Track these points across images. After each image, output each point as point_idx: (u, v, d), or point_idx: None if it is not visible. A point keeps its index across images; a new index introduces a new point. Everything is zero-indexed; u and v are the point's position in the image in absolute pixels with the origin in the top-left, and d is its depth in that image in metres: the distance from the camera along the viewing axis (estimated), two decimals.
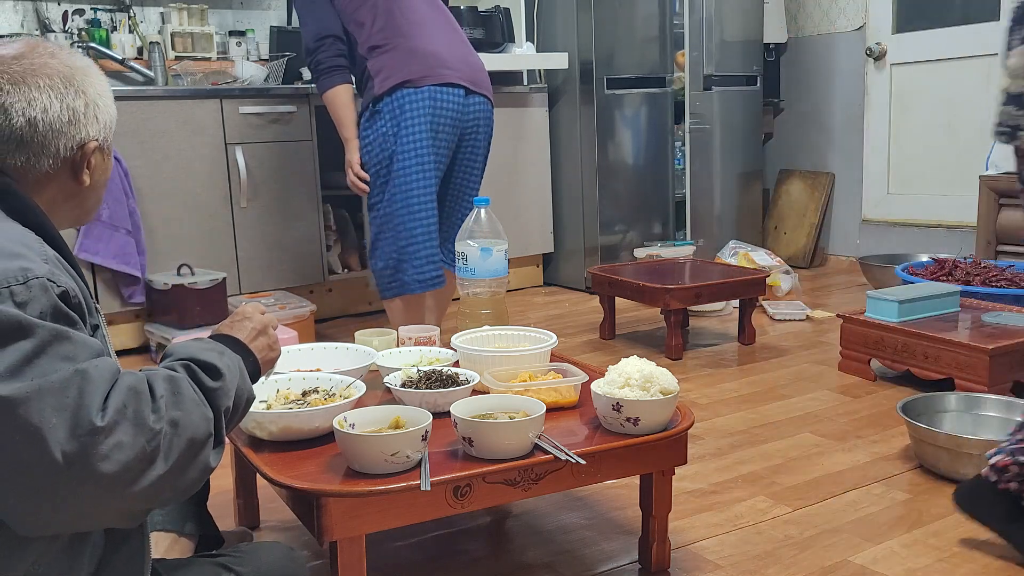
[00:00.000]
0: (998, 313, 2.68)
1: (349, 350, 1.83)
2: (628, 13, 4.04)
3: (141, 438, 0.91)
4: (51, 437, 0.86)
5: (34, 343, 0.89)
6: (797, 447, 2.25)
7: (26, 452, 0.86)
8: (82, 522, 0.93)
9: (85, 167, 1.11)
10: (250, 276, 3.52)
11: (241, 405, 1.10)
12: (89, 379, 0.90)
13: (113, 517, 0.94)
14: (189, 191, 3.36)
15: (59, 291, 0.95)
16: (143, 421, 0.92)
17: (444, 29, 2.76)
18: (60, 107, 1.07)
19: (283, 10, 4.16)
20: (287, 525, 1.89)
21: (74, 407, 0.88)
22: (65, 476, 0.87)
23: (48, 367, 0.89)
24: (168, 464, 0.94)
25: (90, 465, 0.88)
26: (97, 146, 1.11)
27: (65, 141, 1.08)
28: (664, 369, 1.55)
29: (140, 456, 0.91)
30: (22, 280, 0.92)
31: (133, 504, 0.93)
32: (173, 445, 0.95)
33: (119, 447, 0.89)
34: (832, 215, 4.78)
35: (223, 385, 1.05)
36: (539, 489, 1.42)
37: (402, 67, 2.63)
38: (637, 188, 4.21)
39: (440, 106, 2.66)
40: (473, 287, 2.13)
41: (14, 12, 3.61)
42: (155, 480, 0.93)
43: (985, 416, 2.18)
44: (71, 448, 0.87)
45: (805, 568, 1.66)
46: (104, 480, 0.89)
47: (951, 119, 4.22)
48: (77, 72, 1.10)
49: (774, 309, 3.61)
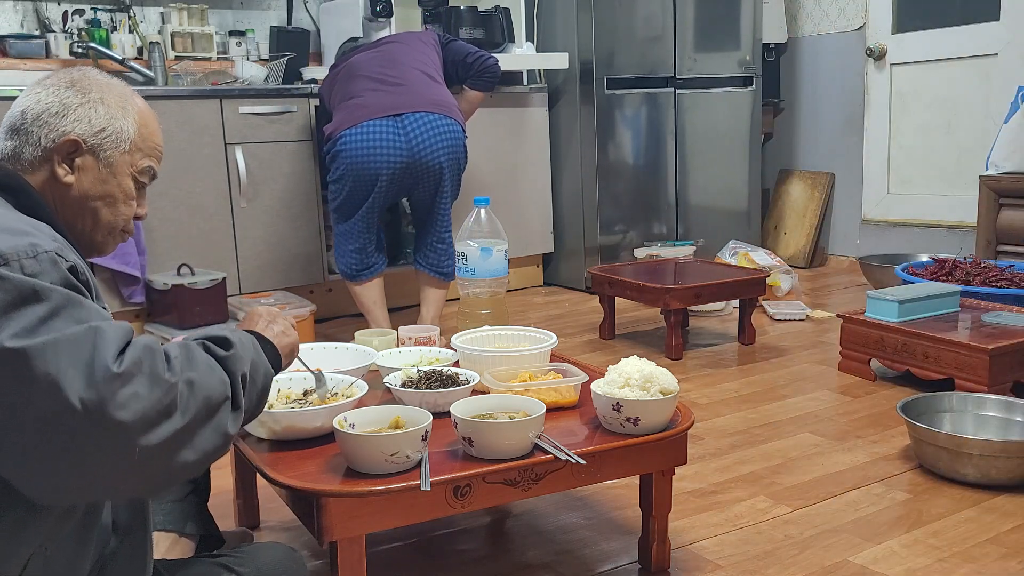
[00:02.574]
0: (998, 313, 2.68)
1: (349, 350, 1.83)
2: (628, 13, 4.04)
3: (157, 390, 0.92)
4: (68, 387, 0.87)
5: (48, 307, 0.90)
6: (797, 447, 2.25)
7: (44, 403, 0.87)
8: (99, 484, 0.92)
9: (62, 162, 1.11)
10: (250, 276, 3.52)
11: (259, 378, 1.10)
12: (103, 334, 0.91)
13: (131, 481, 0.93)
14: (189, 191, 3.36)
15: (68, 265, 0.96)
16: (158, 375, 0.93)
17: (381, 74, 3.11)
18: (52, 100, 1.11)
19: (283, 10, 4.16)
20: (287, 525, 1.89)
21: (89, 359, 0.89)
22: (83, 424, 0.87)
23: (62, 326, 0.90)
24: (185, 419, 0.94)
25: (108, 413, 0.88)
26: (78, 143, 1.11)
27: (47, 131, 1.10)
28: (664, 369, 1.55)
29: (157, 407, 0.91)
30: (32, 254, 0.93)
31: (151, 463, 0.92)
32: (189, 401, 0.95)
33: (136, 397, 0.90)
34: (832, 215, 4.78)
35: (235, 353, 1.05)
36: (539, 489, 1.42)
37: (338, 119, 3.07)
38: (637, 188, 4.21)
39: (368, 138, 3.01)
40: (473, 287, 2.14)
41: (14, 12, 3.61)
42: (172, 435, 0.92)
43: (985, 416, 2.18)
44: (89, 396, 0.87)
45: (805, 568, 1.66)
46: (122, 429, 0.89)
47: (951, 119, 4.22)
48: (95, 84, 1.14)
49: (774, 309, 3.61)
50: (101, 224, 1.15)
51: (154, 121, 1.20)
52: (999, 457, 1.92)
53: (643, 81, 4.13)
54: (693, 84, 4.25)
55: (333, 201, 3.13)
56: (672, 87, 4.20)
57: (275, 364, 1.18)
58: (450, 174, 3.08)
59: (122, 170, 1.15)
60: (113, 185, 1.15)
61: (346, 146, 3.00)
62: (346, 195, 3.06)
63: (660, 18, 4.11)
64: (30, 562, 0.96)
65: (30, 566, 0.96)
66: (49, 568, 0.98)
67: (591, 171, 4.11)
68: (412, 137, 2.99)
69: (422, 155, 3.00)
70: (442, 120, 3.04)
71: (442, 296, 3.22)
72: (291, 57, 3.91)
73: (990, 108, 4.03)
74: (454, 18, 3.91)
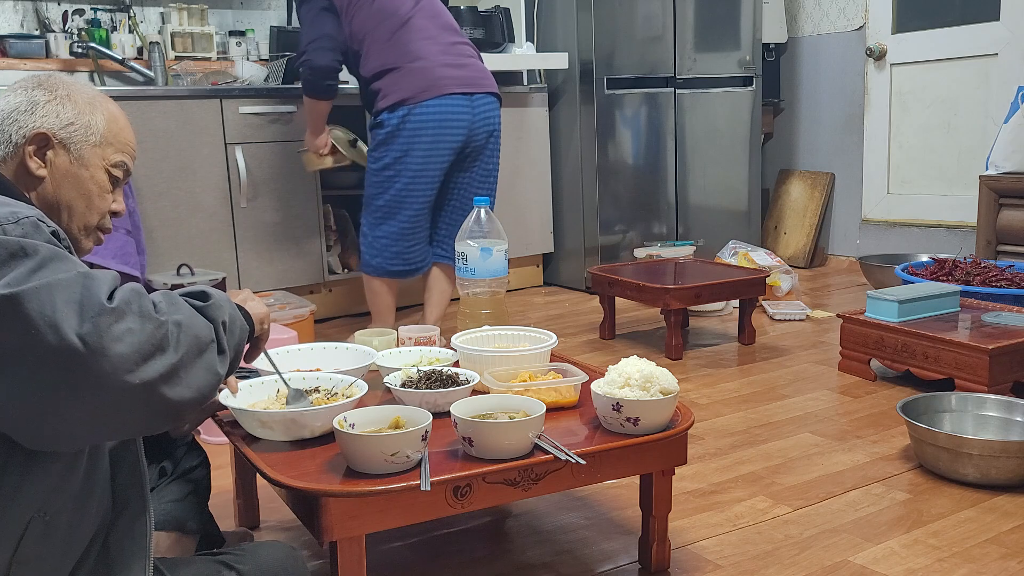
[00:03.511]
0: (998, 313, 2.68)
1: (349, 350, 1.83)
2: (628, 13, 4.04)
3: (149, 325, 0.95)
4: (64, 323, 0.89)
5: (36, 260, 0.92)
6: (797, 447, 2.25)
7: (41, 343, 0.88)
8: (98, 423, 0.94)
9: (33, 155, 1.14)
10: (250, 276, 3.52)
11: (236, 330, 1.13)
12: (93, 277, 0.94)
13: (130, 417, 0.95)
14: (189, 191, 3.36)
15: (51, 230, 0.99)
16: (149, 312, 0.96)
17: (439, 39, 2.94)
18: (21, 99, 1.16)
19: (283, 10, 4.16)
20: (287, 525, 1.89)
21: (81, 297, 0.91)
22: (82, 359, 0.89)
23: (51, 274, 0.92)
24: (178, 354, 0.97)
25: (104, 345, 0.90)
26: (48, 137, 1.15)
27: (17, 128, 1.14)
28: (664, 369, 1.55)
29: (151, 340, 0.94)
30: (13, 219, 0.96)
31: (148, 397, 0.94)
32: (180, 338, 0.98)
33: (130, 331, 0.93)
34: (832, 215, 4.78)
35: (214, 302, 1.09)
36: (539, 489, 1.42)
37: (400, 87, 2.87)
38: (637, 188, 4.21)
39: (443, 116, 2.87)
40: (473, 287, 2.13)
41: (14, 12, 3.61)
42: (167, 369, 0.95)
43: (985, 416, 2.18)
44: (85, 329, 0.90)
45: (805, 568, 1.66)
46: (120, 361, 0.91)
47: (951, 119, 4.22)
48: (63, 84, 1.18)
49: (774, 309, 3.61)
50: (76, 218, 1.19)
51: (124, 119, 1.25)
52: (999, 457, 1.92)
53: (643, 81, 4.13)
54: (693, 84, 4.25)
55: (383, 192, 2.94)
56: (672, 87, 4.20)
57: (249, 325, 1.22)
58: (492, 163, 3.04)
59: (94, 163, 1.19)
60: (86, 178, 1.19)
61: (422, 120, 2.83)
62: (408, 179, 2.90)
63: (660, 18, 4.11)
64: (29, 527, 0.97)
65: (29, 531, 0.97)
66: (48, 535, 0.99)
67: (591, 171, 4.11)
68: (475, 121, 2.90)
69: (476, 141, 2.94)
70: (497, 108, 2.98)
71: (450, 294, 3.19)
72: (291, 57, 3.91)
73: (990, 108, 4.03)
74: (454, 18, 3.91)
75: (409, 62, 2.89)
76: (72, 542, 1.03)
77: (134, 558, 1.10)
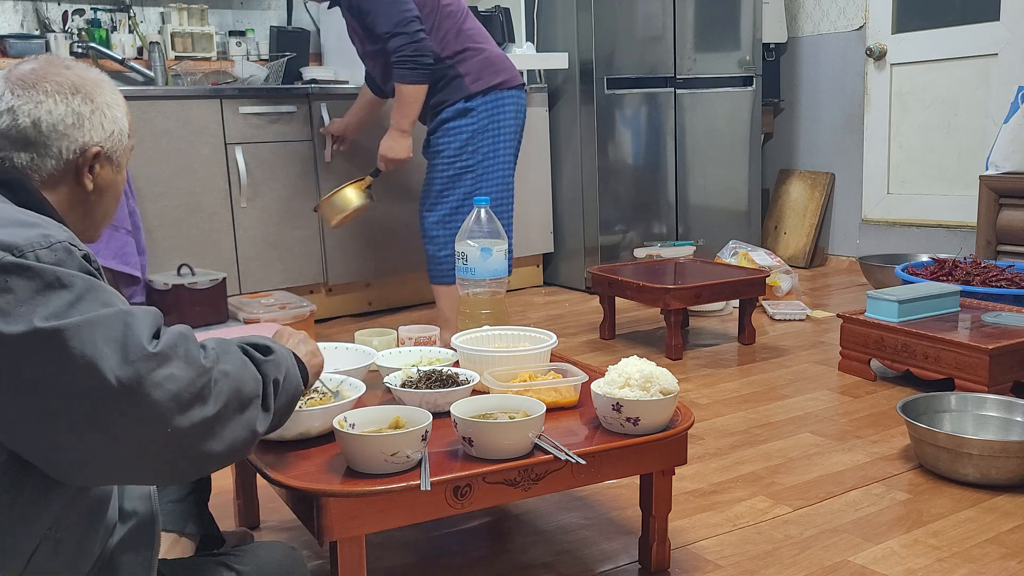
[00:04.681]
0: (998, 313, 2.68)
1: (349, 350, 1.83)
2: (628, 13, 4.04)
3: (191, 372, 0.93)
4: (104, 364, 0.88)
5: (73, 293, 0.91)
6: (797, 447, 2.25)
7: (79, 382, 0.87)
8: (126, 465, 0.92)
9: (87, 171, 1.12)
10: (250, 276, 3.52)
11: (291, 388, 1.12)
12: (135, 316, 0.93)
13: (158, 464, 0.94)
14: (189, 191, 3.36)
15: (82, 254, 0.97)
16: (195, 359, 0.94)
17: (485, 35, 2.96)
18: (65, 110, 1.09)
19: (283, 10, 4.16)
20: (287, 525, 1.89)
21: (124, 338, 0.90)
22: (118, 401, 0.88)
23: (91, 308, 0.91)
24: (216, 407, 0.95)
25: (143, 391, 0.89)
26: (100, 152, 1.12)
27: (68, 143, 1.10)
28: (664, 369, 1.55)
29: (191, 389, 0.92)
30: (46, 244, 0.93)
31: (179, 447, 0.93)
32: (222, 389, 0.96)
33: (171, 378, 0.91)
34: (832, 215, 4.78)
35: (274, 359, 1.08)
36: (539, 489, 1.42)
37: (491, 70, 2.82)
38: (637, 188, 4.21)
39: (521, 106, 2.92)
40: (473, 287, 2.13)
41: (14, 12, 3.61)
42: (203, 420, 0.93)
43: (985, 416, 2.18)
44: (125, 373, 0.88)
45: (805, 568, 1.66)
46: (155, 409, 0.89)
47: (951, 119, 4.22)
48: (88, 82, 1.13)
49: (774, 309, 3.61)
50: (108, 218, 1.19)
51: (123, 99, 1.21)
52: (999, 457, 1.92)
53: (643, 81, 4.13)
54: (693, 84, 4.25)
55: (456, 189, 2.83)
56: (672, 87, 4.20)
57: (304, 381, 1.21)
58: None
59: (124, 163, 1.18)
60: (120, 181, 1.18)
61: (505, 107, 2.81)
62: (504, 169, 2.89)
63: (660, 18, 4.11)
64: (40, 545, 0.96)
65: (40, 549, 0.96)
66: (59, 552, 0.99)
67: (591, 171, 4.11)
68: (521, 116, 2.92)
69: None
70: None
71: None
72: (291, 57, 3.91)
73: (990, 108, 4.03)
74: None
75: (491, 47, 2.83)
76: (81, 557, 1.03)
77: (140, 569, 1.10)
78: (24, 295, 0.88)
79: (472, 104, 2.82)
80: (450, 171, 2.90)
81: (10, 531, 0.93)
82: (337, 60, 4.07)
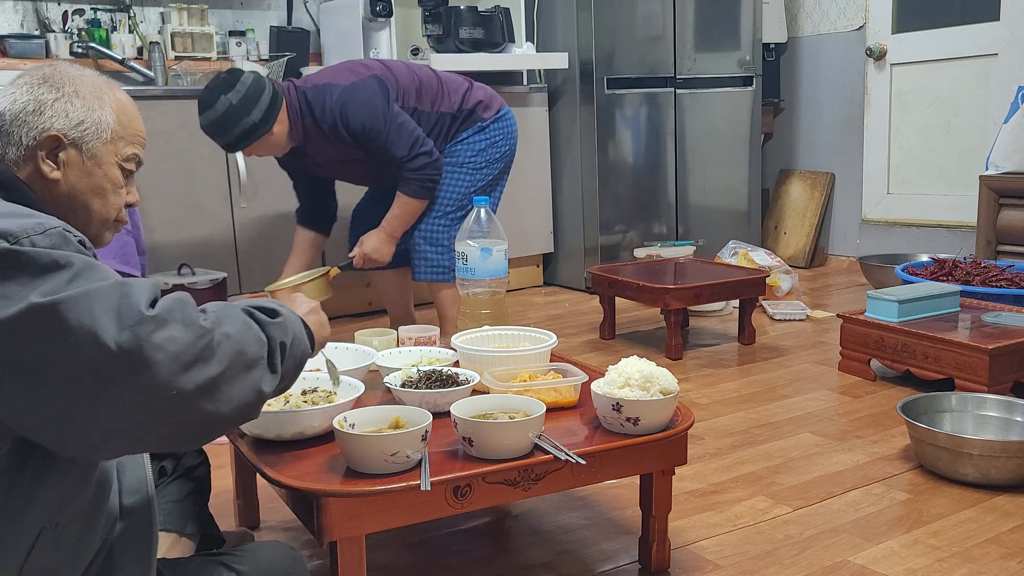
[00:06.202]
0: (998, 313, 2.68)
1: (349, 350, 1.83)
2: (628, 13, 4.04)
3: (191, 334, 0.93)
4: (103, 332, 0.88)
5: (70, 272, 0.91)
6: (797, 447, 2.25)
7: (79, 352, 0.87)
8: (133, 432, 0.92)
9: (46, 158, 1.11)
10: (250, 276, 3.52)
11: (298, 353, 1.10)
12: (131, 285, 0.93)
13: (165, 429, 0.93)
14: (189, 191, 3.36)
15: (78, 239, 0.97)
16: (193, 321, 0.94)
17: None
18: (28, 99, 1.11)
19: (283, 10, 4.16)
20: (287, 525, 1.89)
21: (120, 305, 0.90)
22: (119, 367, 0.88)
23: (87, 284, 0.91)
24: (220, 367, 0.94)
25: (144, 353, 0.88)
26: (58, 137, 1.11)
27: (27, 130, 1.10)
28: (664, 369, 1.55)
29: (192, 350, 0.92)
30: (40, 230, 0.93)
31: (186, 410, 0.92)
32: (225, 351, 0.96)
33: (172, 340, 0.91)
34: (832, 215, 4.78)
35: (281, 322, 1.06)
36: (539, 489, 1.42)
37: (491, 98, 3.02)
38: (637, 188, 4.21)
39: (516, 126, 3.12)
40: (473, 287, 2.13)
41: (14, 12, 3.61)
42: (207, 381, 0.93)
43: (985, 416, 2.18)
44: (124, 338, 0.88)
45: (805, 568, 1.66)
46: (158, 371, 0.89)
47: (951, 119, 4.22)
48: (72, 80, 1.13)
49: (774, 309, 3.61)
50: (94, 217, 1.16)
51: (133, 109, 1.20)
52: (999, 457, 1.92)
53: (643, 81, 4.13)
54: (693, 84, 4.25)
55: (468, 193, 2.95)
56: (672, 87, 4.20)
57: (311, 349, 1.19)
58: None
59: (107, 160, 1.16)
60: (100, 176, 1.15)
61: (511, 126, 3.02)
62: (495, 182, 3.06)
63: (660, 18, 4.11)
64: (40, 537, 0.96)
65: (40, 541, 0.96)
66: (58, 545, 0.99)
67: (591, 171, 4.11)
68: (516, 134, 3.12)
69: None
70: None
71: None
72: (291, 57, 3.91)
73: (990, 108, 4.03)
74: (454, 18, 3.91)
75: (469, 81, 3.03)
76: (81, 552, 1.03)
77: (138, 566, 1.10)
78: (21, 279, 0.88)
79: (486, 124, 3.00)
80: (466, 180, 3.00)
81: (8, 524, 0.93)
82: (337, 60, 4.07)
